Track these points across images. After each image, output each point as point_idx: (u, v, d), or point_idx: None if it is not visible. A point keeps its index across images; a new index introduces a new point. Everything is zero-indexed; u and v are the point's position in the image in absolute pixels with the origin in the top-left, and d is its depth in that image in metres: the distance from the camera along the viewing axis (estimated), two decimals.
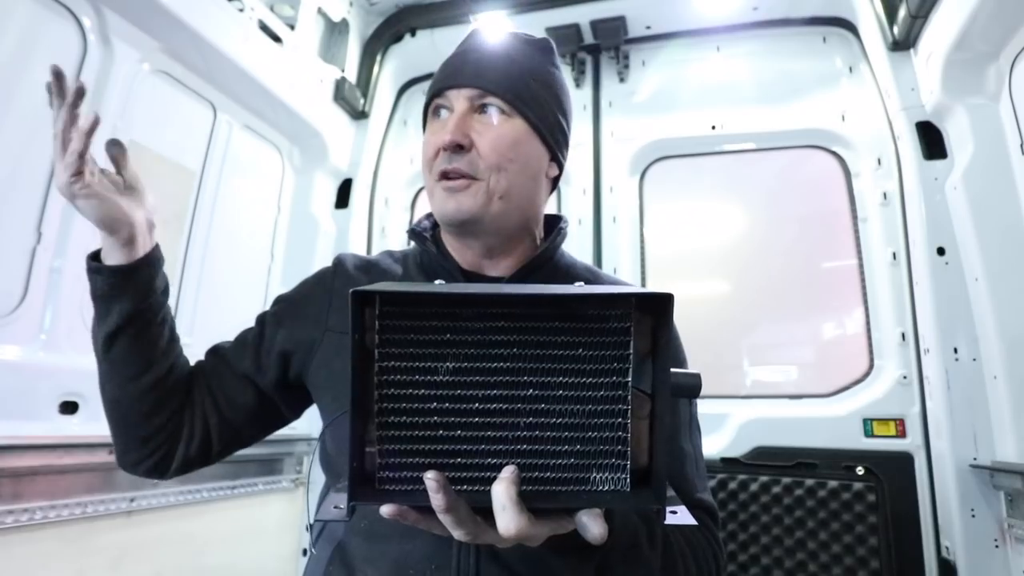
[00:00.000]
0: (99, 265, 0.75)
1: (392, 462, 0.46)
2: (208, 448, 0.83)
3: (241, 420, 0.85)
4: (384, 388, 0.46)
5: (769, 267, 2.36)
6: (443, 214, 0.78)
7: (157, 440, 0.80)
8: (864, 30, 2.27)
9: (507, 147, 0.77)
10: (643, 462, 0.48)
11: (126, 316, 0.75)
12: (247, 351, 0.85)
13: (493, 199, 0.77)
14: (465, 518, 0.45)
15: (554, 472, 0.47)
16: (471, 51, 0.82)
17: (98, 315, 0.77)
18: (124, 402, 0.78)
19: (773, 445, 2.08)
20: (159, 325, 0.79)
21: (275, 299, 0.91)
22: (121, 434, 0.81)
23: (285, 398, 0.86)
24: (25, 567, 1.40)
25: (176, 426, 0.81)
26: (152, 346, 0.78)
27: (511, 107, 0.78)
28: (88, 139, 0.70)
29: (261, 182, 2.41)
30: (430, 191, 0.80)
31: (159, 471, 0.82)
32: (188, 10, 1.78)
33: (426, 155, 0.80)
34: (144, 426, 0.79)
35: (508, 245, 0.82)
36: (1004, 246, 1.79)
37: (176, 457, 0.82)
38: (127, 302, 0.75)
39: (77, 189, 0.70)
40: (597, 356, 0.46)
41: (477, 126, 0.77)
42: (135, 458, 0.81)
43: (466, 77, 0.79)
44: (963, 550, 1.73)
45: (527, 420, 0.46)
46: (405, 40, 2.73)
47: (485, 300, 0.46)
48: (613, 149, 2.55)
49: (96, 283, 0.76)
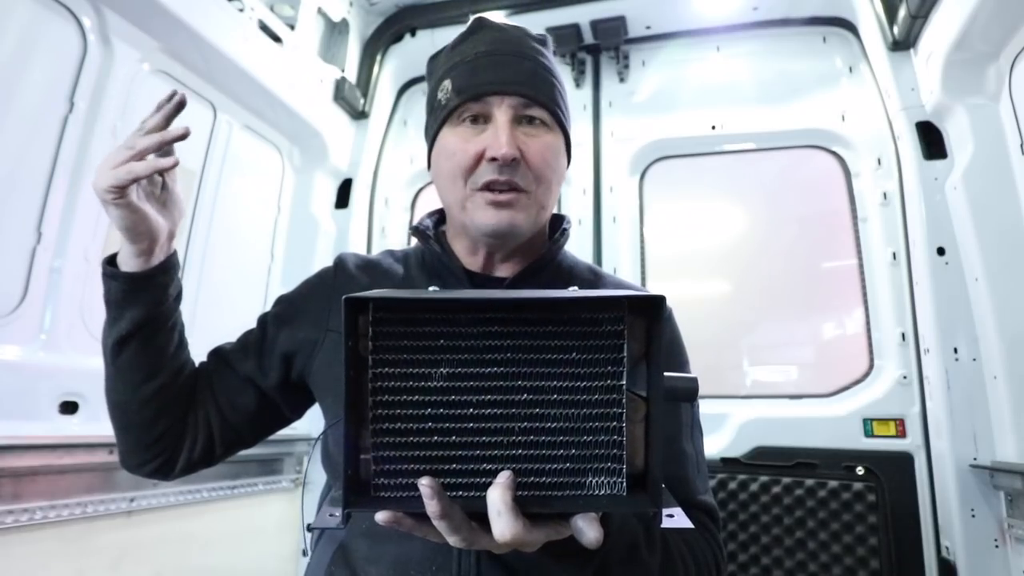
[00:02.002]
0: (115, 271, 0.75)
1: (387, 469, 0.46)
2: (211, 450, 0.84)
3: (243, 422, 0.85)
4: (378, 395, 0.46)
5: (769, 267, 2.35)
6: (491, 227, 0.74)
7: (161, 444, 0.80)
8: (864, 30, 2.27)
9: (553, 159, 0.77)
10: (639, 465, 0.48)
11: (137, 323, 0.75)
12: (249, 353, 0.85)
13: (539, 212, 0.76)
14: (460, 524, 0.45)
15: (550, 477, 0.46)
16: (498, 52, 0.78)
17: (109, 320, 0.76)
18: (130, 407, 0.78)
19: (773, 445, 2.08)
20: (169, 331, 0.79)
21: (276, 300, 0.90)
22: (125, 437, 0.81)
23: (287, 399, 0.86)
24: (25, 567, 1.40)
25: (180, 430, 0.81)
26: (160, 352, 0.78)
27: (552, 117, 0.77)
28: (155, 173, 0.71)
29: (261, 182, 2.40)
30: (462, 200, 0.76)
31: (162, 473, 0.83)
32: (188, 10, 1.78)
33: (459, 162, 0.75)
34: (149, 430, 0.79)
35: (518, 249, 0.82)
36: (1004, 246, 1.79)
37: (180, 460, 0.82)
38: (140, 309, 0.75)
39: (112, 198, 0.69)
40: (591, 360, 0.46)
41: (523, 136, 0.75)
42: (139, 460, 0.82)
43: (510, 83, 0.75)
44: (963, 550, 1.73)
45: (522, 425, 0.46)
46: (405, 40, 2.74)
47: (478, 306, 0.46)
48: (613, 149, 2.55)
49: (111, 288, 0.75)
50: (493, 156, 0.72)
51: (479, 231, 0.75)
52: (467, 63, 0.78)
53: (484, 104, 0.75)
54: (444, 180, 0.78)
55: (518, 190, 0.74)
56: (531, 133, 0.76)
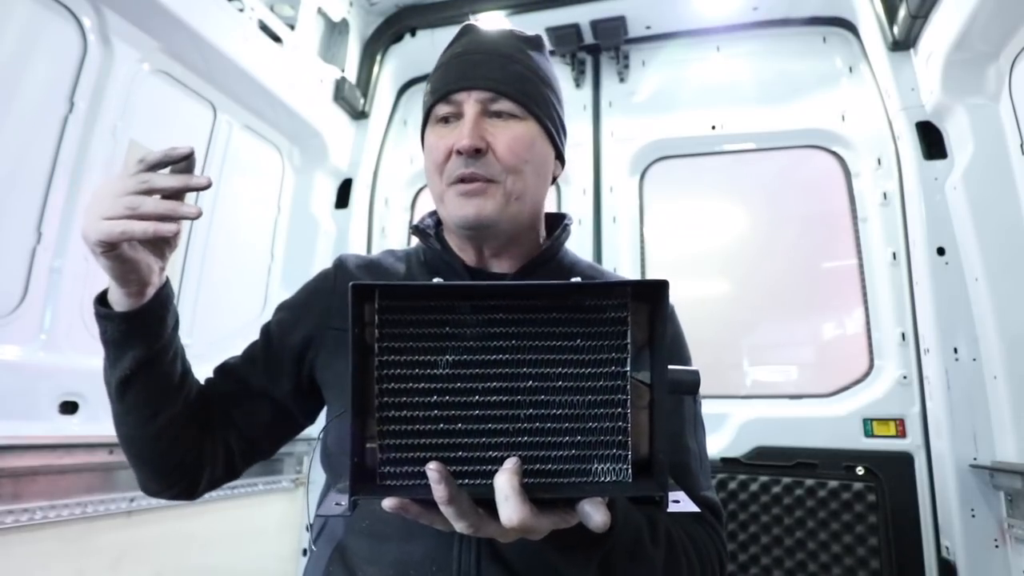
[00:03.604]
0: (108, 312, 0.71)
1: (393, 456, 0.46)
2: (233, 467, 0.84)
3: (261, 435, 0.85)
4: (384, 383, 0.46)
5: (769, 267, 2.36)
6: (461, 218, 0.76)
7: (180, 471, 0.79)
8: (864, 30, 2.27)
9: (523, 149, 0.77)
10: (644, 452, 0.48)
11: (140, 361, 0.71)
12: (258, 365, 0.84)
13: (510, 201, 0.77)
14: (467, 510, 0.45)
15: (555, 464, 0.47)
16: (472, 51, 0.81)
17: (109, 360, 0.73)
18: (143, 442, 0.76)
19: (773, 445, 2.08)
20: (172, 362, 0.76)
21: (277, 307, 0.90)
22: (142, 468, 0.79)
23: (301, 406, 0.86)
24: (25, 567, 1.40)
25: (198, 455, 0.80)
26: (167, 386, 0.75)
27: (523, 108, 0.78)
28: (151, 237, 0.64)
29: (261, 182, 2.40)
30: (440, 196, 0.79)
31: (186, 496, 0.82)
32: (188, 10, 1.78)
33: (435, 159, 0.78)
34: (165, 461, 0.78)
35: (513, 244, 0.82)
36: (1004, 246, 1.79)
37: (202, 482, 0.81)
38: (140, 347, 0.71)
39: (101, 251, 0.64)
40: (595, 347, 0.46)
41: (491, 128, 0.77)
42: (158, 487, 0.80)
43: (476, 79, 0.78)
44: (963, 550, 1.73)
45: (527, 412, 0.47)
46: (405, 40, 2.74)
47: (483, 293, 0.46)
48: (613, 149, 2.55)
49: (107, 329, 0.71)
50: (458, 149, 0.75)
51: (454, 223, 0.78)
52: (443, 65, 0.82)
53: (454, 103, 0.78)
54: (428, 178, 0.82)
55: (485, 180, 0.75)
56: (499, 125, 0.77)
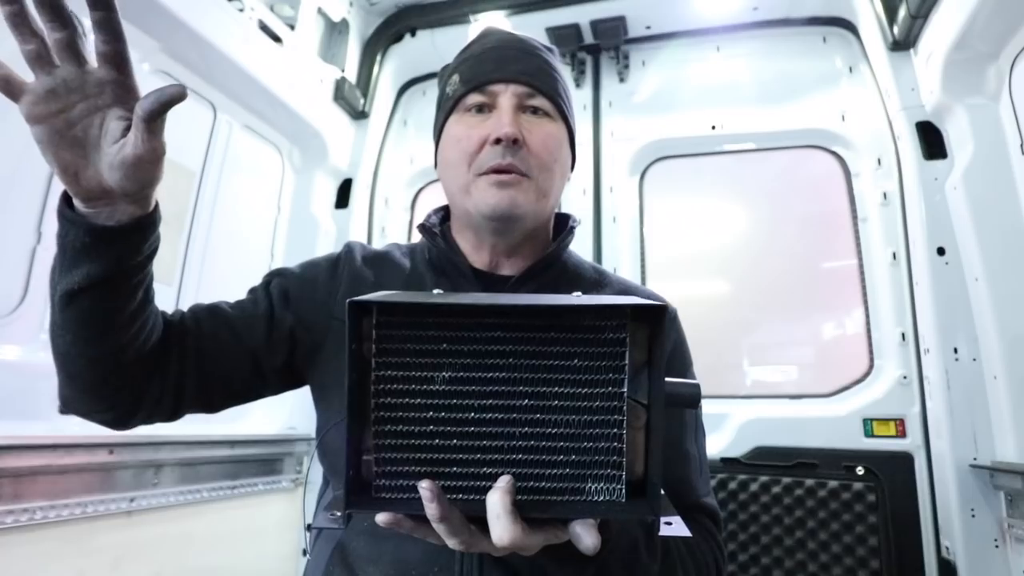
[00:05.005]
0: (75, 216, 0.60)
1: (388, 470, 0.46)
2: (175, 412, 0.76)
3: (223, 392, 0.79)
4: (380, 397, 0.46)
5: (769, 267, 2.35)
6: (493, 207, 0.74)
7: (113, 400, 0.70)
8: (864, 30, 2.27)
9: (555, 147, 0.79)
10: (639, 472, 0.48)
11: (93, 279, 0.61)
12: (257, 326, 0.79)
13: (539, 198, 0.77)
14: (459, 527, 0.45)
15: (549, 482, 0.47)
16: (505, 47, 0.81)
17: (60, 263, 0.63)
18: (77, 360, 0.66)
19: (773, 445, 2.07)
20: (131, 289, 0.65)
21: (278, 271, 0.86)
22: (70, 384, 0.69)
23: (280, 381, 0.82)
24: (25, 567, 1.39)
25: (139, 389, 0.71)
26: (116, 312, 0.64)
27: (556, 109, 0.79)
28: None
29: (261, 182, 2.40)
30: (465, 186, 0.77)
31: (111, 425, 0.74)
32: (188, 10, 1.78)
33: (464, 148, 0.77)
34: (98, 388, 0.69)
35: (527, 241, 0.82)
36: (1004, 246, 1.79)
37: (136, 419, 0.74)
38: (97, 266, 0.61)
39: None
40: (593, 367, 0.47)
41: (526, 123, 0.77)
42: (83, 409, 0.71)
43: (515, 72, 0.78)
44: (963, 550, 1.73)
45: (523, 430, 0.47)
46: (405, 40, 2.73)
47: (481, 311, 0.46)
48: (613, 149, 2.55)
49: (67, 232, 0.61)
50: (497, 137, 0.74)
51: (481, 213, 0.76)
52: (475, 57, 0.83)
53: (489, 94, 0.78)
54: (449, 169, 0.80)
55: (520, 173, 0.75)
56: (534, 121, 0.78)
